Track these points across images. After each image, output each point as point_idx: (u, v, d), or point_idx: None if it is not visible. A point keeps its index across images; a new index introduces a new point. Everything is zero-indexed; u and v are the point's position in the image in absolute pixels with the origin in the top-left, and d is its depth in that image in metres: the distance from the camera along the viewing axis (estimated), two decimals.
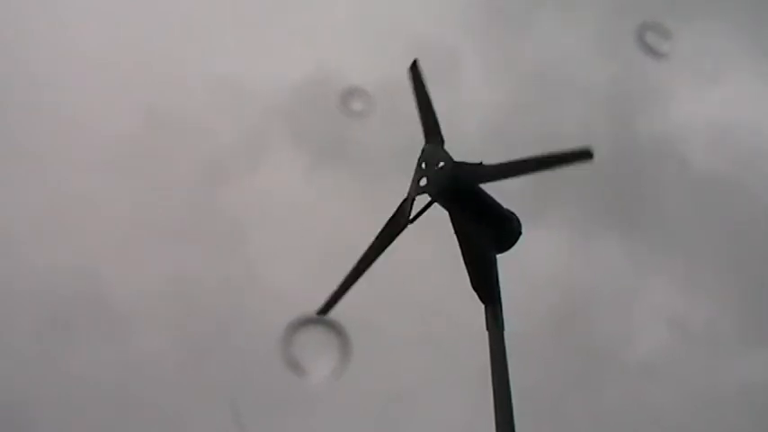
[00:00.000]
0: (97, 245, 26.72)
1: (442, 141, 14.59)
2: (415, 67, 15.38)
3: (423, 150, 14.59)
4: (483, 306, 14.11)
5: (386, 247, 14.13)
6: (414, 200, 14.18)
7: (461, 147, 14.72)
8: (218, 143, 28.21)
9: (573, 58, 26.56)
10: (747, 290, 24.05)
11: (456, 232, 14.18)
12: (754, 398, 22.93)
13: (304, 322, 11.46)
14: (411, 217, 14.11)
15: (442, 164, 14.24)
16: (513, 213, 14.59)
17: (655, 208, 25.37)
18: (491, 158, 14.54)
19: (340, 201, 25.83)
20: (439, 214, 14.35)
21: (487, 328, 13.85)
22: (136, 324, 25.70)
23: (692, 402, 23.15)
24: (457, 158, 14.57)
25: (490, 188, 14.68)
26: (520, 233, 14.49)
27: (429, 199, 14.33)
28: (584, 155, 13.56)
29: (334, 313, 12.73)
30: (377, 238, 14.14)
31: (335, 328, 11.69)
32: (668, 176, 25.90)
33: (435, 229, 14.62)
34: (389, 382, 22.33)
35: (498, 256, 14.57)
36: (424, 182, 14.42)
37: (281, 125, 27.43)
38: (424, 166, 14.34)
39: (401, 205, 14.20)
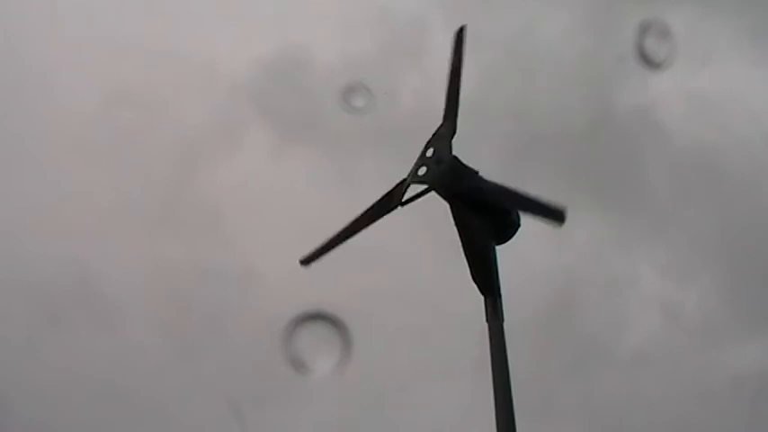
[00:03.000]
0: (83, 234, 26.47)
1: (454, 131, 14.43)
2: (461, 34, 15.08)
3: (433, 135, 14.48)
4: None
5: (370, 224, 14.34)
6: (408, 186, 14.22)
7: (435, 122, 14.65)
8: (193, 125, 27.97)
9: (549, 31, 26.43)
10: (742, 274, 23.98)
11: (456, 224, 14.11)
12: (749, 388, 23.06)
13: (304, 318, 11.47)
14: (402, 200, 14.19)
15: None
16: None
17: (640, 187, 25.31)
18: (465, 134, 14.49)
19: (323, 186, 25.69)
20: (439, 207, 14.35)
21: (487, 320, 13.82)
22: (127, 317, 25.56)
23: (685, 392, 23.26)
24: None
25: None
26: (519, 225, 14.41)
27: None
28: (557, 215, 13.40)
29: (335, 308, 12.66)
30: (363, 213, 14.37)
31: (336, 324, 11.69)
32: (651, 153, 25.83)
33: (435, 221, 14.61)
34: (389, 375, 22.34)
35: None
36: (423, 170, 14.33)
37: (254, 105, 27.25)
38: (429, 153, 14.27)
39: (396, 187, 14.28)
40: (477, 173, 14.19)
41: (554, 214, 13.36)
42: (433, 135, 14.48)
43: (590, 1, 26.34)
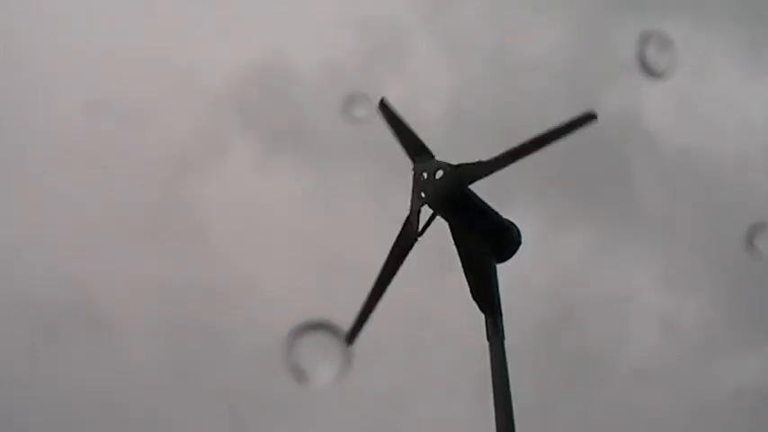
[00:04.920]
0: (78, 250, 26.35)
1: (432, 157, 14.49)
2: (383, 105, 15.09)
3: (413, 169, 14.44)
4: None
5: (400, 264, 14.03)
6: (419, 212, 14.11)
7: (422, 133, 14.67)
8: (178, 138, 27.88)
9: (541, 40, 26.43)
10: (740, 285, 23.82)
11: (456, 243, 14.09)
12: (749, 400, 22.96)
13: (304, 328, 11.45)
14: (420, 230, 14.05)
15: (441, 173, 14.13)
16: (512, 223, 14.57)
17: (635, 199, 25.24)
18: (453, 141, 14.47)
19: (309, 196, 25.64)
20: (440, 221, 14.37)
21: (488, 339, 13.75)
22: (125, 332, 25.45)
23: (685, 406, 23.18)
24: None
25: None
26: (520, 243, 14.45)
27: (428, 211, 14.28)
28: (587, 118, 13.64)
29: (335, 318, 12.68)
30: (389, 256, 14.03)
31: (337, 334, 11.66)
32: (645, 164, 25.75)
33: (436, 236, 14.61)
34: (391, 387, 22.27)
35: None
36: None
37: (239, 115, 27.20)
38: (425, 176, 14.21)
39: (407, 220, 14.11)
40: (479, 162, 14.08)
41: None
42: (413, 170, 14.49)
43: (586, 11, 26.43)
